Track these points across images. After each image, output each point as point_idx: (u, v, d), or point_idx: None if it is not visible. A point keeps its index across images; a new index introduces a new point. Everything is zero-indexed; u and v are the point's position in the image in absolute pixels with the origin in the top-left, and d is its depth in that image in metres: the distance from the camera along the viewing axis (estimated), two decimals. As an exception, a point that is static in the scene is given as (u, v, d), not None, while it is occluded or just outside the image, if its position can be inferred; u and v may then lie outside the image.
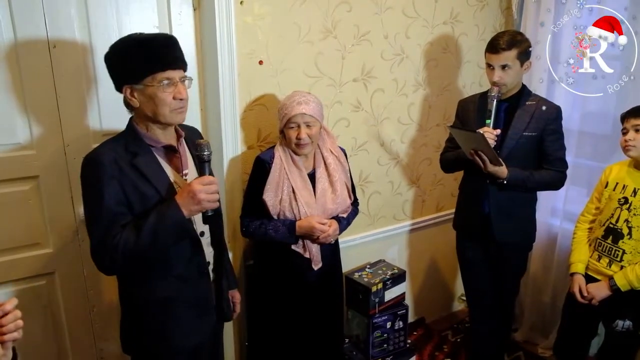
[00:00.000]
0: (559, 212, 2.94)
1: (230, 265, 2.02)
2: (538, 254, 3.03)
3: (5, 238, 1.96)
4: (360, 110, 2.70)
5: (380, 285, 2.69)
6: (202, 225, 1.69)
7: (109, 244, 1.47)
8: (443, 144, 2.63)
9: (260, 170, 2.13)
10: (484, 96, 2.35)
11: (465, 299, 3.10)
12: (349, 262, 2.76)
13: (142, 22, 2.08)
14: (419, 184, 3.12)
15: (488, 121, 2.23)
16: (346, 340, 2.84)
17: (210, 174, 1.58)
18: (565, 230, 2.84)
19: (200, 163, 1.58)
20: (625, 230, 2.11)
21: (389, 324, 2.78)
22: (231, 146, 2.31)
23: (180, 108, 1.57)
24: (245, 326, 2.50)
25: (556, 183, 2.35)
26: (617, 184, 2.18)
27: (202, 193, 1.50)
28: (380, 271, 2.81)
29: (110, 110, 2.04)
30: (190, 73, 1.62)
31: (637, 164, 2.15)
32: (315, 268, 2.18)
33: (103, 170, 1.49)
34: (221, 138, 2.26)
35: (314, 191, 2.14)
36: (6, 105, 1.87)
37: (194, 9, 2.20)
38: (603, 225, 2.20)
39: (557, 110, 2.29)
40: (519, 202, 2.37)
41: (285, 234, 2.10)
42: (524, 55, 2.22)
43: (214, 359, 1.93)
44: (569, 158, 2.38)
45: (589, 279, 2.22)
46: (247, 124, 2.34)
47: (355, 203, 2.34)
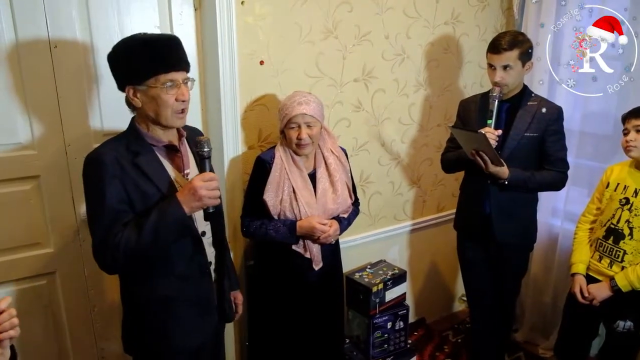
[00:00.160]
0: (559, 213, 2.94)
1: (233, 265, 2.02)
2: (539, 254, 3.02)
3: (6, 238, 1.96)
4: (361, 110, 2.70)
5: (380, 286, 2.69)
6: (204, 225, 1.69)
7: (111, 243, 1.47)
8: (444, 144, 2.62)
9: (260, 170, 2.13)
10: (486, 96, 2.35)
11: (465, 299, 3.10)
12: (349, 262, 2.76)
13: (143, 22, 2.08)
14: (420, 184, 3.12)
15: (489, 121, 2.22)
16: (347, 340, 2.83)
17: (211, 171, 1.58)
18: (566, 230, 2.84)
19: (200, 160, 1.59)
20: (627, 231, 2.11)
21: (389, 324, 2.78)
22: (232, 146, 2.31)
23: (182, 111, 1.57)
24: (245, 326, 2.50)
25: (557, 184, 2.34)
26: (618, 184, 2.18)
27: (203, 189, 1.51)
28: (380, 271, 2.81)
29: (111, 110, 2.05)
30: (191, 73, 1.61)
31: (638, 165, 2.15)
32: (316, 268, 2.17)
33: (105, 169, 1.49)
34: (222, 138, 2.27)
35: (315, 191, 2.14)
36: (7, 105, 1.88)
37: (195, 9, 2.20)
38: (604, 225, 2.20)
39: (559, 111, 2.29)
40: (520, 203, 2.36)
41: (285, 234, 2.10)
42: (526, 56, 2.22)
43: (216, 359, 1.93)
44: (570, 158, 2.38)
45: (590, 280, 2.22)
46: (248, 124, 2.34)
47: (356, 203, 2.34)
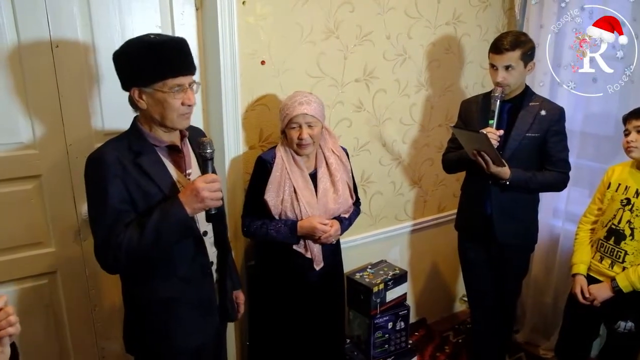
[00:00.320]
0: (561, 213, 2.94)
1: (234, 265, 2.02)
2: (540, 255, 3.02)
3: (8, 237, 1.96)
4: (362, 110, 2.70)
5: (381, 286, 2.69)
6: (206, 225, 1.69)
7: (113, 243, 1.47)
8: (445, 145, 2.62)
9: (261, 170, 2.13)
10: (487, 97, 2.34)
11: (466, 299, 3.10)
12: (350, 263, 2.76)
13: (145, 22, 2.08)
14: (421, 185, 3.11)
15: (491, 122, 2.22)
16: (347, 340, 2.83)
17: (213, 172, 1.58)
18: (567, 231, 2.83)
19: (203, 161, 1.58)
20: (628, 232, 2.11)
21: (390, 325, 2.78)
22: (233, 146, 2.31)
23: (187, 113, 1.57)
24: (246, 326, 2.50)
25: (559, 184, 2.34)
26: (620, 185, 2.18)
27: (205, 191, 1.50)
28: (381, 271, 2.81)
29: (112, 110, 2.05)
30: (196, 67, 1.61)
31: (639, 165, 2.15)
32: (317, 268, 2.17)
33: (107, 169, 1.48)
34: (223, 138, 2.27)
35: (316, 191, 2.14)
36: (9, 105, 1.88)
37: (197, 9, 2.20)
38: (605, 226, 2.20)
39: (561, 112, 2.29)
40: (521, 203, 2.36)
41: (286, 234, 2.10)
42: (528, 56, 2.22)
43: (217, 359, 1.93)
44: (571, 159, 2.37)
45: (591, 280, 2.22)
46: (249, 124, 2.34)
47: (357, 203, 2.34)
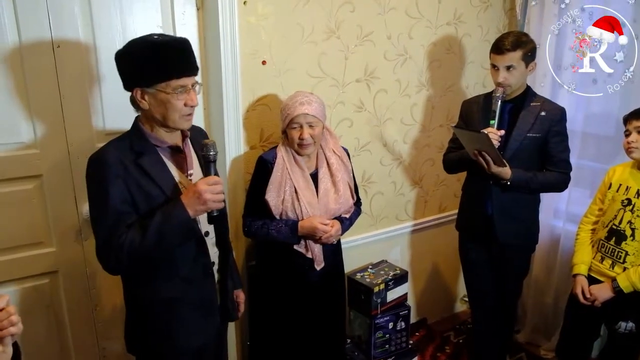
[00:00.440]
0: (562, 214, 2.94)
1: (235, 265, 2.02)
2: (541, 255, 3.02)
3: (9, 237, 1.97)
4: (363, 110, 2.70)
5: (382, 286, 2.69)
6: (207, 225, 1.69)
7: (115, 244, 1.47)
8: (446, 145, 2.62)
9: (262, 170, 2.13)
10: (488, 97, 2.34)
11: (467, 300, 3.10)
12: (351, 263, 2.76)
13: (146, 22, 2.09)
14: (422, 185, 3.11)
15: (492, 122, 2.22)
16: (348, 340, 2.83)
17: (216, 174, 1.58)
18: (568, 231, 2.83)
19: (205, 163, 1.58)
20: (629, 232, 2.11)
21: (390, 325, 2.78)
22: (234, 146, 2.31)
23: (190, 114, 1.57)
24: (247, 326, 2.50)
25: (560, 185, 2.34)
26: (621, 185, 2.18)
27: (208, 193, 1.50)
28: (382, 272, 2.81)
29: (113, 110, 2.05)
30: (199, 68, 1.61)
31: (641, 166, 2.15)
32: (318, 268, 2.17)
33: (108, 169, 1.48)
34: (224, 138, 2.27)
35: (317, 191, 2.14)
36: (10, 105, 1.88)
37: (198, 9, 2.20)
38: (606, 226, 2.20)
39: (562, 112, 2.28)
40: (522, 204, 2.36)
41: (287, 234, 2.10)
42: (529, 57, 2.22)
43: (218, 359, 1.93)
44: (572, 159, 2.37)
45: (592, 281, 2.21)
46: (250, 124, 2.34)
47: (357, 203, 2.34)
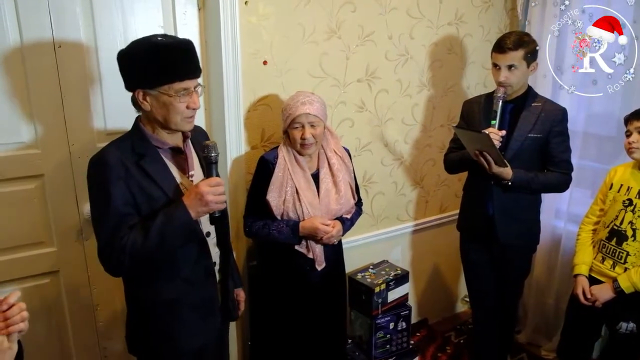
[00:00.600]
0: (563, 214, 2.93)
1: (236, 265, 2.02)
2: (542, 255, 3.01)
3: (10, 236, 1.97)
4: (364, 110, 2.70)
5: (383, 286, 2.69)
6: (208, 226, 1.68)
7: (117, 245, 1.46)
8: (447, 145, 2.62)
9: (264, 170, 2.13)
10: (490, 97, 2.34)
11: (468, 300, 3.10)
12: (352, 263, 2.76)
13: (147, 22, 2.09)
14: (423, 185, 3.11)
15: (493, 122, 2.22)
16: (349, 340, 2.83)
17: (217, 175, 1.57)
18: (570, 232, 2.83)
19: (207, 164, 1.57)
20: (630, 232, 2.11)
21: (391, 325, 2.78)
22: (235, 146, 2.31)
23: (191, 117, 1.56)
24: (248, 326, 2.51)
25: (561, 185, 2.34)
26: (622, 185, 2.18)
27: (210, 194, 1.50)
28: (383, 272, 2.81)
29: (114, 110, 2.05)
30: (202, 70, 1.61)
31: (642, 166, 2.15)
32: (319, 268, 2.17)
33: (110, 171, 1.48)
34: (225, 138, 2.27)
35: (318, 192, 2.14)
36: (11, 105, 1.88)
37: (199, 9, 2.20)
38: (607, 227, 2.19)
39: (563, 112, 2.28)
40: (523, 204, 2.36)
41: (288, 234, 2.10)
42: (531, 56, 2.21)
43: (219, 359, 1.93)
44: (573, 160, 2.36)
45: (593, 281, 2.21)
46: (251, 124, 2.34)
47: (358, 203, 2.34)
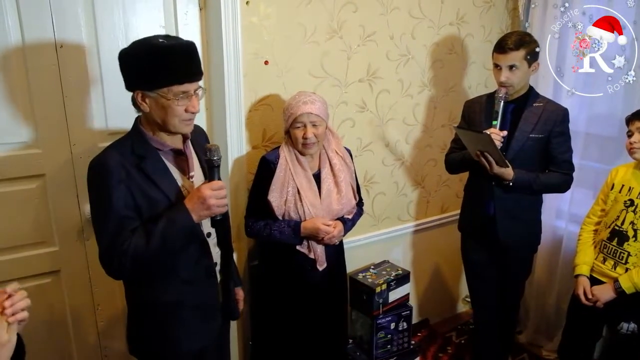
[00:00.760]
0: (564, 214, 2.93)
1: (235, 265, 2.02)
2: (543, 256, 3.01)
3: (11, 236, 1.97)
4: (366, 110, 2.70)
5: (384, 286, 2.69)
6: (209, 226, 1.68)
7: (118, 250, 1.45)
8: (448, 145, 2.62)
9: (265, 170, 2.13)
10: (491, 97, 2.34)
11: (469, 300, 3.10)
12: (353, 263, 2.76)
13: (149, 22, 2.09)
14: (424, 185, 3.11)
15: (494, 122, 2.22)
16: (350, 341, 2.83)
17: (219, 179, 1.56)
18: (571, 232, 2.83)
19: (210, 168, 1.56)
20: (631, 233, 2.10)
21: (392, 325, 2.78)
22: (236, 146, 2.31)
23: (190, 119, 1.55)
24: (249, 325, 2.51)
25: (562, 186, 2.34)
26: (623, 186, 2.18)
27: (212, 198, 1.49)
28: (384, 272, 2.81)
29: (116, 110, 2.05)
30: (203, 73, 1.59)
31: (643, 166, 2.14)
32: (320, 269, 2.17)
33: (110, 174, 1.46)
34: (226, 138, 2.27)
35: (319, 192, 2.14)
36: (13, 105, 1.88)
37: (200, 9, 2.20)
38: (608, 227, 2.19)
39: (564, 113, 2.28)
40: (524, 204, 2.36)
41: (290, 235, 2.10)
42: (532, 56, 2.21)
43: (220, 359, 1.93)
44: (575, 160, 2.36)
45: (594, 281, 2.21)
46: (252, 124, 2.34)
47: (360, 204, 2.34)
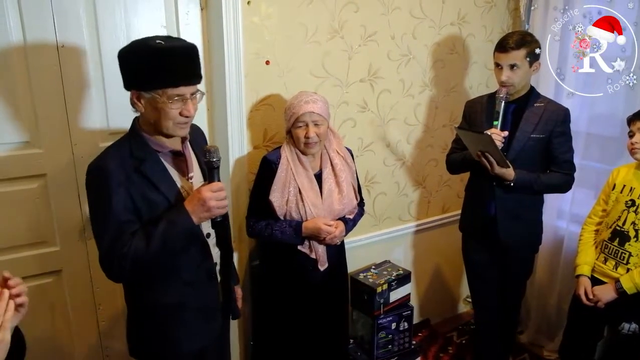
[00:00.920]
0: (565, 215, 2.93)
1: (233, 264, 2.02)
2: (544, 256, 3.01)
3: (13, 236, 1.97)
4: (367, 110, 2.70)
5: (385, 286, 2.69)
6: (208, 227, 1.67)
7: (118, 253, 1.44)
8: (449, 145, 2.62)
9: (267, 170, 2.13)
10: (492, 97, 2.34)
11: (470, 300, 3.09)
12: (354, 263, 2.76)
13: (150, 22, 2.09)
14: (425, 185, 3.11)
15: (495, 122, 2.22)
16: (351, 340, 2.83)
17: (219, 180, 1.56)
18: (572, 232, 2.83)
19: (209, 169, 1.55)
20: (632, 233, 2.10)
21: (393, 325, 2.78)
22: (237, 146, 2.31)
23: (185, 123, 1.53)
24: (250, 325, 2.51)
25: (563, 186, 2.33)
26: (625, 186, 2.17)
27: (213, 200, 1.49)
28: (385, 272, 2.81)
29: (117, 109, 2.05)
30: (202, 77, 1.58)
31: (645, 167, 2.14)
32: (321, 269, 2.17)
33: (109, 177, 1.45)
34: (227, 138, 2.27)
35: (321, 192, 2.14)
36: (14, 104, 1.88)
37: (202, 9, 2.20)
38: (610, 227, 2.19)
39: (565, 113, 2.28)
40: (525, 205, 2.36)
41: (291, 235, 2.10)
42: (533, 56, 2.21)
43: (221, 359, 1.93)
44: (576, 160, 2.36)
45: (595, 282, 2.21)
46: (254, 124, 2.34)
47: (361, 204, 2.34)
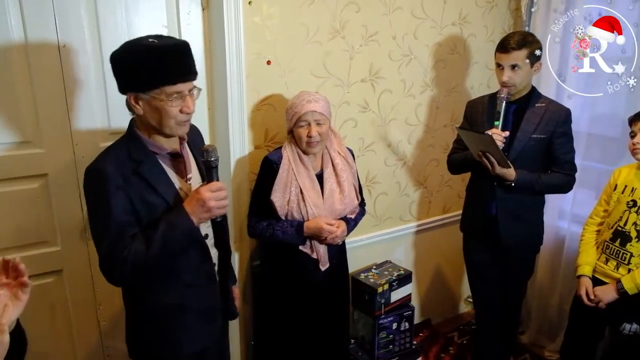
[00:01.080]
0: (566, 215, 2.93)
1: (231, 264, 2.01)
2: (545, 256, 3.01)
3: (14, 235, 1.97)
4: (368, 110, 2.70)
5: (386, 286, 2.69)
6: (206, 228, 1.66)
7: (119, 257, 1.43)
8: (450, 145, 2.62)
9: (268, 170, 2.13)
10: (493, 97, 2.34)
11: (471, 300, 3.09)
12: (355, 263, 2.76)
13: (151, 22, 2.09)
14: (426, 185, 3.11)
15: (497, 123, 2.21)
16: (352, 341, 2.83)
17: (217, 180, 1.55)
18: (573, 233, 2.83)
19: (207, 169, 1.54)
20: (634, 233, 2.10)
21: (394, 325, 2.78)
22: (238, 146, 2.31)
23: (186, 121, 1.52)
24: (251, 325, 2.51)
25: (564, 186, 2.33)
26: (626, 186, 2.17)
27: (212, 200, 1.48)
28: (386, 272, 2.81)
29: (118, 109, 2.03)
30: (198, 72, 1.58)
31: (646, 167, 2.14)
32: (323, 269, 2.17)
33: (108, 181, 1.43)
34: (228, 138, 2.27)
35: (322, 192, 2.14)
36: (16, 104, 1.88)
37: (203, 9, 2.20)
38: (611, 228, 2.19)
39: (567, 113, 2.28)
40: (526, 205, 2.35)
41: (292, 234, 2.10)
42: (534, 56, 2.21)
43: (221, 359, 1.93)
44: (577, 160, 2.36)
45: (596, 282, 2.21)
46: (255, 124, 2.34)
47: (362, 204, 2.34)
